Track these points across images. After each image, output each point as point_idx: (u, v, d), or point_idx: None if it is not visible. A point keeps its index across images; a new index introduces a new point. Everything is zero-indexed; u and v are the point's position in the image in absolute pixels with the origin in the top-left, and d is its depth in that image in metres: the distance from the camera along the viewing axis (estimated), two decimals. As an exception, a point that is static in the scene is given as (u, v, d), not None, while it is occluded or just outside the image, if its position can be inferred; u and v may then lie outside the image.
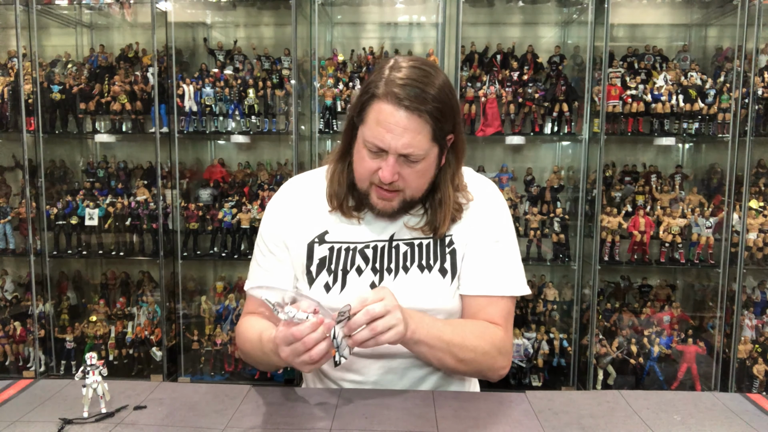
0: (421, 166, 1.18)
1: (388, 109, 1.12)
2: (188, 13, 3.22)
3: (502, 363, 1.25)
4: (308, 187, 1.35)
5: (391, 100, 1.12)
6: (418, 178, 1.20)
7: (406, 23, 3.31)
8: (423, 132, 1.14)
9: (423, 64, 1.17)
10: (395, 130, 1.12)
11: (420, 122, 1.13)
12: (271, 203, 1.36)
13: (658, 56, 3.02)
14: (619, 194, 3.02)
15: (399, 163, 1.16)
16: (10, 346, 3.09)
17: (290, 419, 1.06)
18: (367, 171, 1.19)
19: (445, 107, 1.14)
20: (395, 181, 1.17)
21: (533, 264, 3.05)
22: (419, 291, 1.24)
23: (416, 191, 1.22)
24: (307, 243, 1.30)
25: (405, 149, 1.14)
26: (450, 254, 1.27)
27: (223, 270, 3.38)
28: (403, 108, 1.12)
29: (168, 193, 3.05)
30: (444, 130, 1.17)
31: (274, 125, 3.07)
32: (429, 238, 1.28)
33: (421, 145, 1.14)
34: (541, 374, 2.99)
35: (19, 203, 3.17)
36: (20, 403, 1.13)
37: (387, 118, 1.13)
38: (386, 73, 1.15)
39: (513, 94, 2.95)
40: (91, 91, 3.06)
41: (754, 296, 2.98)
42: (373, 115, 1.15)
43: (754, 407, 1.13)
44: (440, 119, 1.14)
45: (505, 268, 1.27)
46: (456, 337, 1.17)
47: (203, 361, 3.08)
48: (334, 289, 1.26)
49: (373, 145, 1.16)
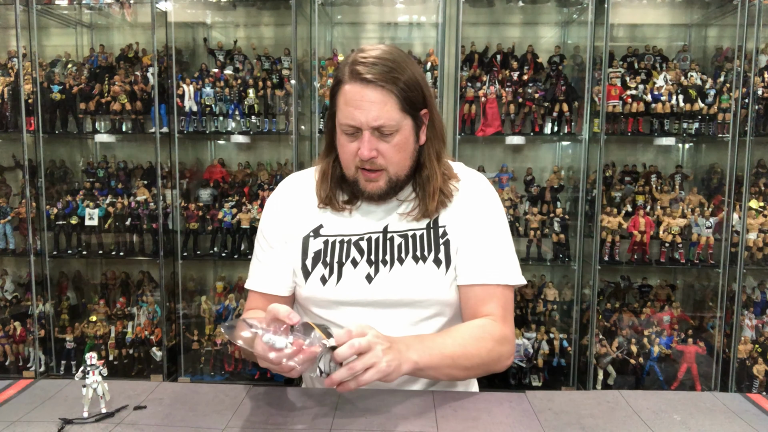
0: (397, 139, 1.21)
1: (353, 89, 1.18)
2: (188, 13, 3.22)
3: (506, 354, 1.25)
4: (304, 183, 1.37)
5: (354, 79, 1.17)
6: (397, 152, 1.22)
7: (406, 23, 3.31)
8: (389, 103, 1.17)
9: (388, 47, 1.23)
10: (362, 105, 1.17)
11: (384, 93, 1.17)
12: (270, 200, 1.39)
13: (658, 56, 3.02)
14: (619, 194, 3.01)
15: (375, 139, 1.19)
16: (10, 346, 3.09)
17: (290, 419, 1.06)
18: (349, 155, 1.23)
19: (409, 79, 1.19)
20: (374, 157, 1.20)
21: (533, 264, 3.05)
22: (414, 282, 1.26)
23: (399, 167, 1.24)
24: (302, 237, 1.32)
25: (375, 121, 1.17)
26: (444, 245, 1.28)
27: (223, 270, 3.38)
28: (365, 83, 1.16)
29: (168, 193, 3.05)
30: (413, 102, 1.20)
31: (274, 125, 3.07)
32: (422, 229, 1.29)
33: (391, 115, 1.18)
34: (541, 374, 2.99)
35: (19, 203, 3.17)
36: (20, 403, 1.13)
37: (353, 97, 1.17)
38: (350, 58, 1.21)
39: (513, 94, 2.95)
40: (91, 91, 3.06)
41: (754, 296, 2.98)
42: (342, 99, 1.20)
43: (754, 407, 1.13)
44: (405, 90, 1.18)
45: (498, 256, 1.29)
46: (458, 348, 1.17)
47: (203, 361, 3.08)
48: (330, 281, 1.27)
49: (347, 126, 1.20)
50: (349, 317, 1.27)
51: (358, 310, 1.27)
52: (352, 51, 1.26)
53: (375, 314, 1.26)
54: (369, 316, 1.26)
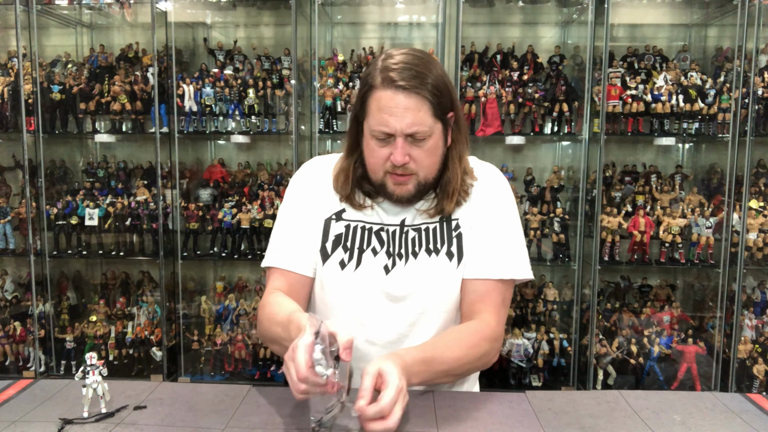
0: (429, 144, 1.21)
1: (387, 95, 1.17)
2: (188, 13, 3.22)
3: (495, 350, 1.27)
4: (329, 167, 1.37)
5: (388, 85, 1.17)
6: (428, 157, 1.23)
7: (406, 23, 3.31)
8: (423, 109, 1.18)
9: (412, 50, 1.23)
10: (397, 113, 1.16)
11: (419, 99, 1.17)
12: (296, 177, 1.39)
13: (658, 56, 3.02)
14: (619, 194, 3.01)
15: (407, 145, 1.20)
16: (10, 346, 3.09)
17: (290, 419, 1.06)
18: (379, 160, 1.23)
19: (440, 84, 1.20)
20: (407, 163, 1.21)
21: (533, 264, 3.01)
22: (427, 275, 1.27)
23: (429, 171, 1.25)
24: (324, 219, 1.32)
25: (410, 128, 1.17)
26: (456, 238, 1.30)
27: (223, 270, 3.38)
28: (400, 90, 1.16)
29: (168, 193, 3.05)
30: (443, 106, 1.21)
31: (274, 125, 3.07)
32: (435, 222, 1.30)
33: (425, 121, 1.18)
34: (541, 374, 2.98)
35: (19, 203, 3.17)
36: (20, 403, 1.13)
37: (387, 103, 1.17)
38: (380, 63, 1.20)
39: (513, 94, 2.95)
40: (91, 91, 3.06)
41: (754, 296, 2.98)
42: (374, 105, 1.19)
43: (754, 407, 1.13)
44: (438, 95, 1.19)
45: (504, 250, 1.29)
46: (447, 359, 1.16)
47: (203, 361, 3.08)
48: (349, 266, 1.28)
49: (379, 132, 1.20)
50: (362, 308, 1.27)
51: (371, 300, 1.28)
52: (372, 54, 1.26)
53: (387, 306, 1.27)
54: (381, 306, 1.27)
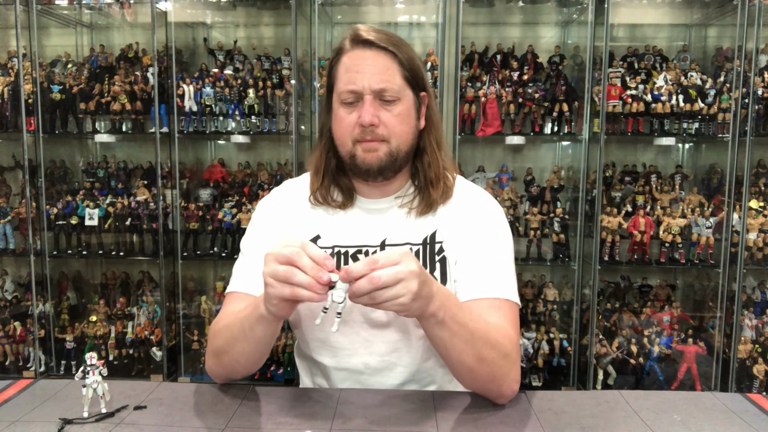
0: (400, 109, 1.18)
1: (355, 53, 1.17)
2: (188, 13, 3.22)
3: (515, 375, 1.11)
4: (299, 189, 1.32)
5: (356, 44, 1.16)
6: (399, 123, 1.18)
7: (406, 23, 3.31)
8: (392, 67, 1.16)
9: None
10: (365, 68, 1.15)
11: (388, 58, 1.16)
12: (264, 202, 1.34)
13: (658, 56, 3.02)
14: (619, 194, 3.02)
15: (376, 105, 1.16)
16: (10, 346, 3.09)
17: (290, 419, 1.06)
18: (347, 128, 1.18)
19: (413, 58, 1.19)
20: (375, 125, 1.16)
21: (533, 264, 3.05)
22: None
23: (401, 140, 1.19)
24: None
25: (378, 84, 1.15)
26: (440, 262, 1.23)
27: (223, 270, 3.38)
28: (368, 45, 1.16)
29: (168, 193, 3.05)
30: (414, 75, 1.19)
31: (274, 125, 3.07)
32: (418, 245, 1.24)
33: (394, 80, 1.16)
34: (541, 374, 2.99)
35: (19, 203, 3.17)
36: (20, 403, 1.12)
37: (356, 61, 1.16)
38: (350, 33, 1.19)
39: (513, 94, 2.95)
40: (91, 91, 3.06)
41: (754, 296, 2.98)
42: (342, 68, 1.18)
43: (754, 407, 1.13)
44: (409, 63, 1.18)
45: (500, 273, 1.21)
46: (480, 329, 1.06)
47: (203, 361, 3.08)
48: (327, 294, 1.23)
49: (347, 93, 1.16)
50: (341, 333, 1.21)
51: (352, 327, 1.22)
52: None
53: (368, 332, 1.22)
54: (362, 333, 1.22)
